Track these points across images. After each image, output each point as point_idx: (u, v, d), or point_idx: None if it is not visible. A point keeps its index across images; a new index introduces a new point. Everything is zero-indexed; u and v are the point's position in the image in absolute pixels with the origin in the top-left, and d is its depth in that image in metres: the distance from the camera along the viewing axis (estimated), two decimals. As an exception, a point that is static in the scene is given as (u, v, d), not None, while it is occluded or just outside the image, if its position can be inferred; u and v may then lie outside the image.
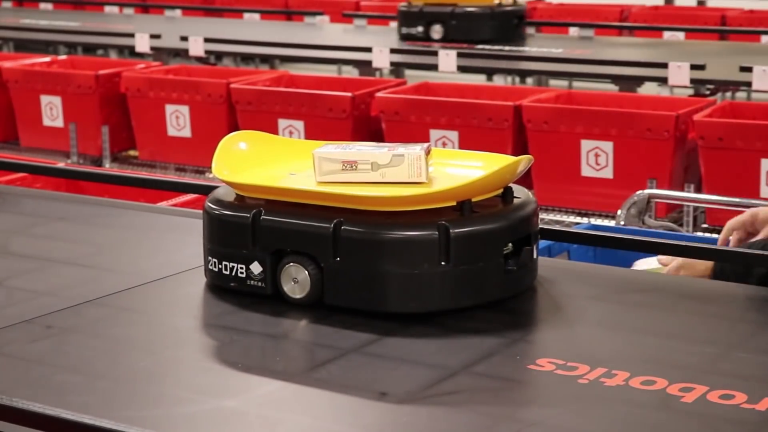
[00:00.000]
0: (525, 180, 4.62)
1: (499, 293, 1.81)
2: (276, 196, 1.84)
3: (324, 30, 7.05)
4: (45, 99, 5.57)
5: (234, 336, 1.74)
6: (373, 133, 4.73)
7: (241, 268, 1.82)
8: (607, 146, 4.30)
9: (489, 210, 1.81)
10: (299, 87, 5.21)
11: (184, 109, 5.19)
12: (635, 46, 6.57)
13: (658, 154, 4.22)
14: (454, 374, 1.59)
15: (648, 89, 5.57)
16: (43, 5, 8.72)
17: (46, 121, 5.64)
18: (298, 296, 1.79)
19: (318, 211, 1.79)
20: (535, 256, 1.87)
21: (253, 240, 1.80)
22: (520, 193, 1.89)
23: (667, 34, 6.91)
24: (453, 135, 4.52)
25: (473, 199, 1.79)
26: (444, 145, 4.52)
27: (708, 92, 5.15)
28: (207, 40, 6.17)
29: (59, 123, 5.59)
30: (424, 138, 4.53)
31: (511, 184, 1.88)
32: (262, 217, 1.80)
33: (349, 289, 1.76)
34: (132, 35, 6.41)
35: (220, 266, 1.84)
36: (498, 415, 1.48)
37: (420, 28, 6.01)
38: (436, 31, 5.96)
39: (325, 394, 1.55)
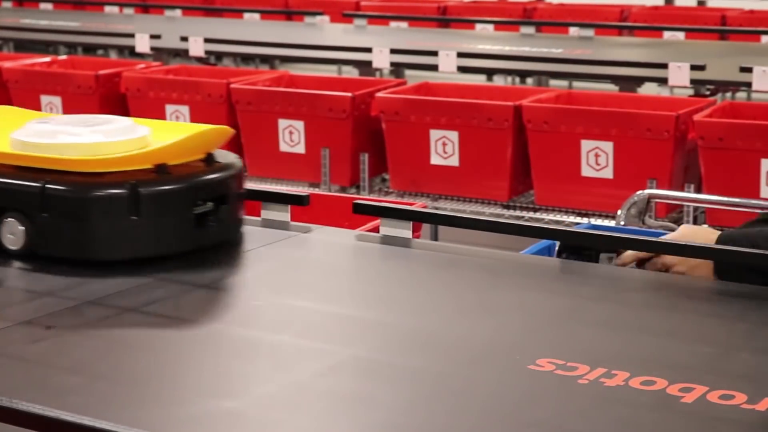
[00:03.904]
0: (526, 180, 4.63)
1: (188, 245, 2.04)
2: None
3: (324, 30, 7.05)
4: (45, 99, 5.57)
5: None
6: (373, 133, 4.73)
7: None
8: (607, 146, 4.29)
9: (182, 172, 2.04)
10: (299, 87, 5.20)
11: (184, 109, 5.18)
12: (635, 46, 6.56)
13: (658, 154, 4.22)
14: (452, 374, 1.59)
15: (648, 89, 5.56)
16: (43, 5, 8.71)
17: (46, 121, 5.62)
18: (14, 248, 2.03)
19: (25, 173, 2.02)
20: (238, 215, 2.12)
21: None
22: (224, 158, 2.13)
23: (667, 34, 6.90)
24: (453, 135, 4.51)
25: (173, 162, 2.04)
26: (444, 145, 4.52)
27: (708, 92, 5.15)
28: (207, 40, 6.17)
29: (59, 123, 5.57)
30: (425, 138, 4.53)
31: (216, 151, 2.13)
32: None
33: (57, 241, 2.00)
34: (132, 35, 6.41)
35: None
36: (498, 415, 1.48)
37: None
38: None
39: (327, 396, 1.55)
